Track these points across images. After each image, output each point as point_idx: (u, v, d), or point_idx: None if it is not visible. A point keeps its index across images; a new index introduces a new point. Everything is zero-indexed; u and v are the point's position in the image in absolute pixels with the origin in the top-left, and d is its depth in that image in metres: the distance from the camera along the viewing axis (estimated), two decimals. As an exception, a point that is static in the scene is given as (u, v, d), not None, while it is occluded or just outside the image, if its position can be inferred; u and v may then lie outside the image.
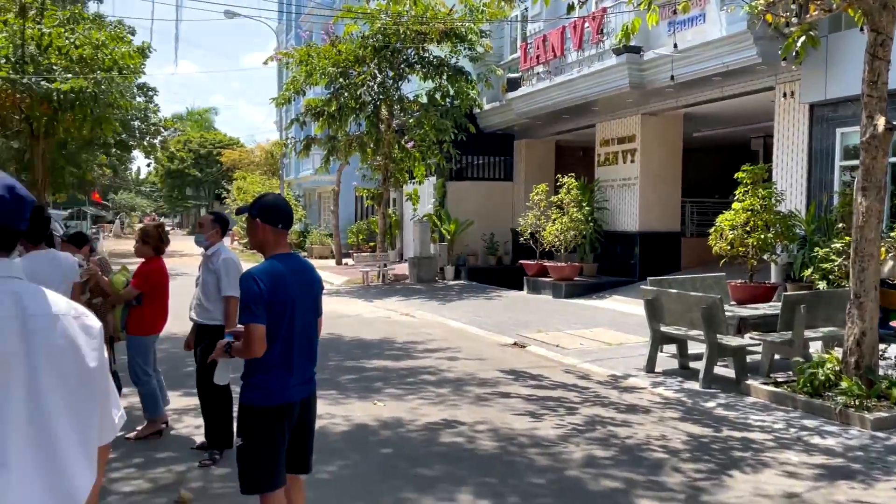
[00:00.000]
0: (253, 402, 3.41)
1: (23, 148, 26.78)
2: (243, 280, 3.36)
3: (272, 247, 3.51)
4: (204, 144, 60.25)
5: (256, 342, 3.30)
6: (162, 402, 6.09)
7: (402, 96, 20.14)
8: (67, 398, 1.66)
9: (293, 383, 3.47)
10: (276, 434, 3.42)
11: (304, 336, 3.51)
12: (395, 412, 6.94)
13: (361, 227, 29.61)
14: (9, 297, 1.63)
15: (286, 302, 3.39)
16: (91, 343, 1.73)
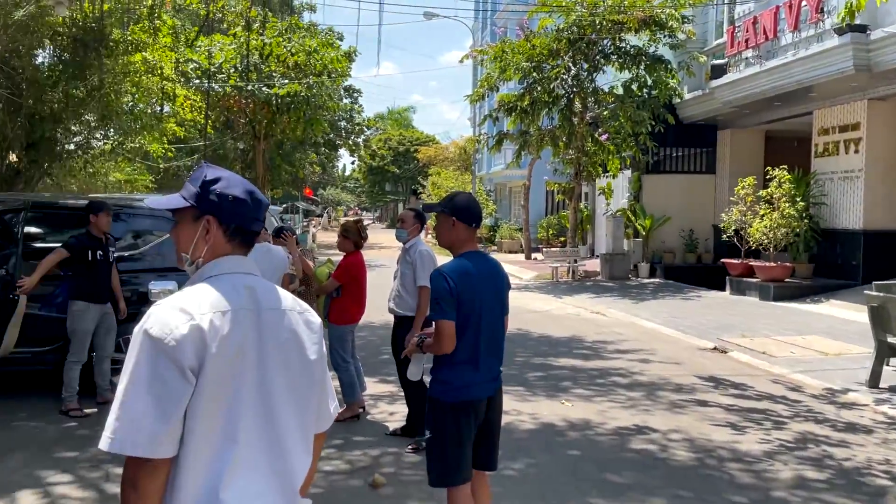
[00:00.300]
0: (440, 397, 3.45)
1: (247, 148, 29.61)
2: (434, 277, 3.40)
3: (462, 245, 3.52)
4: (402, 142, 63.07)
5: (446, 339, 3.33)
6: (359, 388, 6.40)
7: (596, 88, 19.69)
8: (290, 387, 1.80)
9: (480, 380, 3.46)
10: (463, 430, 3.43)
11: (491, 334, 3.49)
12: (584, 413, 6.76)
13: (552, 221, 29.41)
14: (246, 290, 1.79)
15: (475, 299, 3.39)
16: (312, 337, 1.87)
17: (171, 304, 1.70)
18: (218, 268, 1.82)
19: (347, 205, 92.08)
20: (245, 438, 1.70)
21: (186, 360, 1.63)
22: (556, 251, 21.88)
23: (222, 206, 1.82)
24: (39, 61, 13.86)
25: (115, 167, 18.73)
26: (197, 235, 1.82)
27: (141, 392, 1.61)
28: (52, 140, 13.37)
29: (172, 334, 1.64)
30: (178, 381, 1.62)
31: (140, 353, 1.64)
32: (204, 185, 1.83)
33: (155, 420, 1.60)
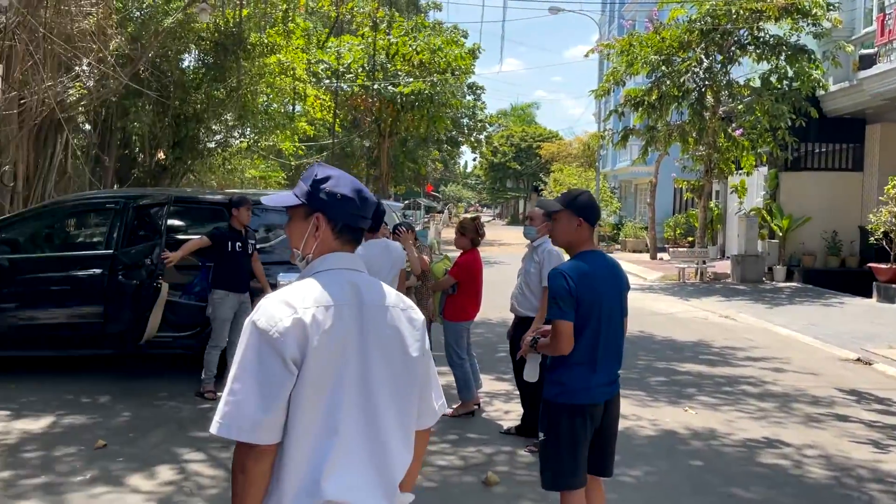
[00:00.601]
0: (555, 399, 3.37)
1: (372, 146, 30.47)
2: (552, 276, 3.34)
3: (582, 244, 3.43)
4: (525, 138, 62.75)
5: (563, 339, 3.26)
6: (474, 385, 6.41)
7: (730, 81, 18.73)
8: (391, 383, 1.83)
9: (597, 383, 3.37)
10: (578, 433, 3.35)
11: (610, 336, 3.39)
12: (709, 422, 6.44)
13: (679, 220, 28.31)
14: (350, 286, 1.84)
15: (594, 300, 3.30)
16: (414, 334, 1.91)
17: (278, 298, 1.77)
18: (325, 263, 1.87)
19: (468, 201, 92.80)
20: (345, 431, 1.74)
21: (289, 351, 1.69)
22: (684, 251, 21.03)
23: (331, 203, 1.87)
24: (185, 65, 14.85)
25: (250, 164, 19.80)
26: (307, 232, 1.89)
27: (247, 380, 1.69)
28: (194, 139, 14.31)
29: (276, 326, 1.70)
30: (281, 371, 1.69)
31: (248, 342, 1.72)
32: (314, 183, 1.89)
33: (258, 407, 1.67)
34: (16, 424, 5.66)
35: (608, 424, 3.48)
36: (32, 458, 4.99)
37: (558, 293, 3.26)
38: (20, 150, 10.47)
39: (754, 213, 20.00)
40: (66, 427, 5.68)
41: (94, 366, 7.47)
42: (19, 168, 10.55)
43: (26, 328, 6.93)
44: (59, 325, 6.95)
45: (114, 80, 11.34)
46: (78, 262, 7.06)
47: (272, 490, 1.72)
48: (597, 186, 32.56)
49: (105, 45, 10.86)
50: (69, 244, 7.96)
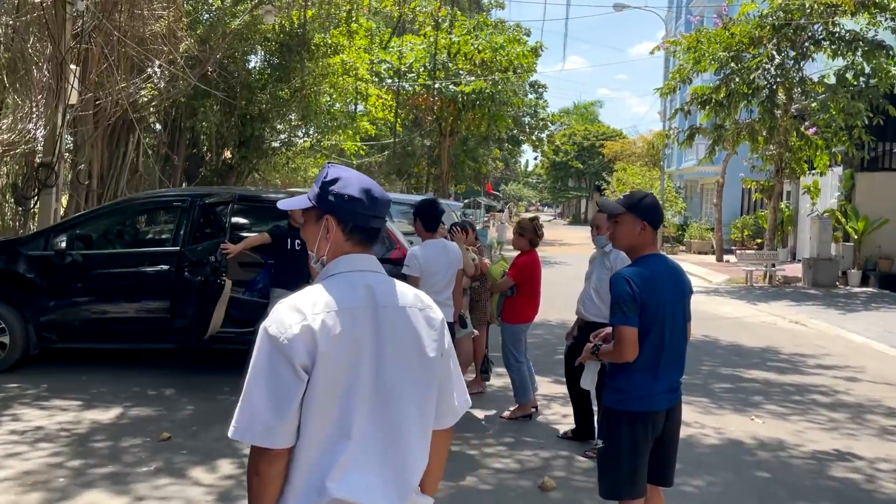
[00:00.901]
0: (615, 406, 3.29)
1: (433, 145, 30.58)
2: (616, 281, 3.25)
3: (645, 248, 3.33)
4: (587, 137, 61.98)
5: (627, 346, 3.17)
6: (531, 388, 6.33)
7: (803, 77, 18.09)
8: (408, 383, 1.82)
9: (659, 391, 3.27)
10: (638, 442, 3.25)
11: (673, 342, 3.28)
12: (776, 432, 6.21)
13: (747, 221, 27.48)
14: (364, 289, 1.83)
15: (657, 306, 3.20)
16: (432, 334, 1.89)
17: (289, 304, 1.77)
18: (339, 266, 1.87)
19: (529, 200, 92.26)
20: (359, 434, 1.75)
21: (298, 357, 1.70)
22: (752, 253, 20.41)
23: (339, 205, 1.86)
24: (251, 66, 15.19)
25: (313, 163, 20.12)
26: (319, 234, 1.89)
27: (260, 385, 1.71)
28: (259, 138, 14.62)
29: (286, 333, 1.71)
30: (291, 377, 1.70)
31: (260, 348, 1.73)
32: (323, 185, 1.88)
33: (270, 412, 1.69)
34: (87, 415, 5.88)
35: (669, 433, 3.38)
36: (101, 447, 5.16)
37: (622, 298, 3.18)
38: (95, 149, 10.89)
39: (828, 215, 19.25)
40: (132, 418, 5.86)
41: (159, 359, 7.70)
42: (94, 167, 10.98)
43: (97, 321, 7.18)
44: (128, 318, 7.19)
45: (183, 80, 11.68)
46: (147, 259, 7.29)
47: (285, 490, 1.75)
48: (661, 186, 31.89)
49: (175, 47, 11.19)
50: (139, 241, 8.23)
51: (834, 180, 20.27)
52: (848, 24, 17.31)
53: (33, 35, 9.03)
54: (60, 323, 7.11)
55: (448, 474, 4.96)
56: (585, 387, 3.84)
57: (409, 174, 33.59)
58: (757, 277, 18.69)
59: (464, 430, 5.93)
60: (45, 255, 7.13)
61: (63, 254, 7.05)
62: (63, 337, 7.17)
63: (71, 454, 5.00)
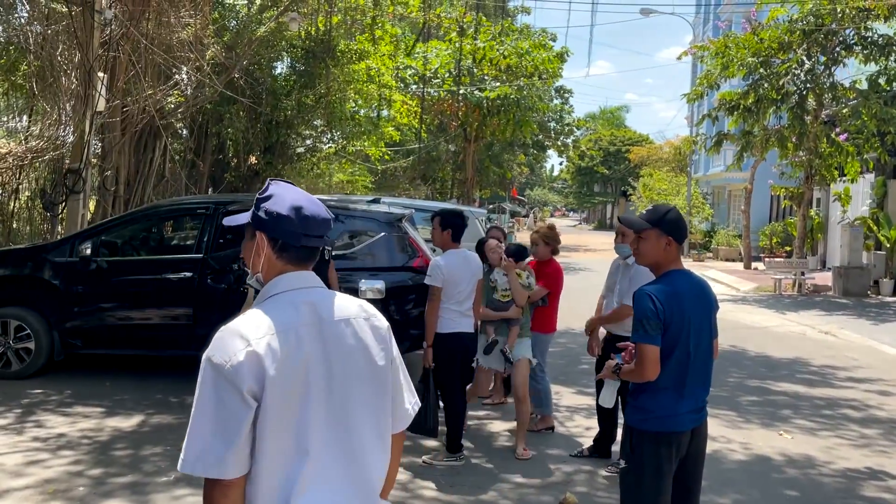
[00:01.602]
0: (638, 426, 3.20)
1: (458, 150, 30.56)
2: (639, 297, 3.16)
3: (670, 264, 3.25)
4: (613, 142, 61.55)
5: (649, 364, 3.08)
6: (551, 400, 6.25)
7: (834, 83, 17.76)
8: (361, 394, 1.84)
9: (684, 410, 3.18)
10: (662, 463, 3.17)
11: (698, 360, 3.19)
12: (805, 448, 6.05)
13: (776, 228, 27.05)
14: (307, 306, 1.82)
15: (682, 323, 3.12)
16: (379, 343, 1.90)
17: (232, 330, 1.74)
18: (276, 287, 1.85)
19: (554, 205, 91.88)
20: (317, 450, 1.75)
21: (245, 384, 1.67)
22: (781, 261, 20.07)
23: (268, 222, 1.85)
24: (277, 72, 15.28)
25: (338, 168, 20.20)
26: (253, 251, 1.88)
27: (207, 416, 1.68)
28: (285, 144, 14.71)
29: (231, 361, 1.68)
30: (238, 405, 1.67)
31: (204, 378, 1.70)
32: (257, 201, 1.88)
33: (220, 443, 1.66)
34: (108, 422, 5.90)
35: (694, 453, 3.29)
36: (122, 455, 5.18)
37: (644, 315, 3.09)
38: (122, 155, 11.01)
39: (859, 223, 18.88)
40: (154, 426, 5.87)
41: (183, 366, 7.72)
42: (121, 173, 11.10)
43: (121, 328, 7.23)
44: (151, 325, 7.22)
45: (209, 87, 11.78)
46: (170, 266, 7.32)
47: None
48: (688, 192, 31.54)
49: (202, 54, 11.28)
50: (163, 247, 8.28)
51: (865, 187, 19.89)
52: (881, 29, 16.97)
53: (62, 43, 9.16)
54: (85, 329, 7.17)
55: (469, 487, 4.91)
56: (604, 404, 3.76)
57: (434, 179, 33.59)
58: (786, 286, 18.37)
59: (484, 443, 5.87)
60: (70, 262, 7.19)
61: (88, 260, 7.11)
62: (87, 343, 7.22)
63: (92, 462, 5.02)
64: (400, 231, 7.51)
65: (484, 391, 6.58)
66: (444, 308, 5.24)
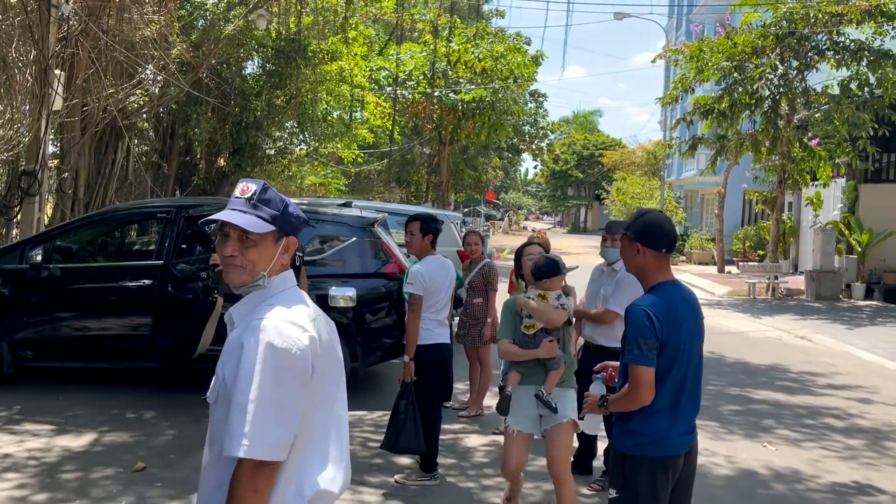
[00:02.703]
0: (632, 452, 2.93)
1: (433, 153, 30.30)
2: (633, 314, 2.89)
3: (654, 274, 2.99)
4: (587, 146, 61.80)
5: (644, 388, 2.82)
6: None
7: (807, 88, 17.82)
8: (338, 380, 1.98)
9: (678, 432, 2.94)
10: (658, 490, 2.91)
11: (694, 378, 2.96)
12: (791, 461, 5.87)
13: (749, 232, 27.18)
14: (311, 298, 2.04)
15: (679, 340, 2.87)
16: (336, 335, 2.02)
17: (282, 319, 1.81)
18: (285, 282, 1.95)
19: (528, 209, 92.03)
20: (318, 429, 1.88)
21: (308, 368, 1.80)
22: (754, 265, 20.11)
23: (297, 226, 1.98)
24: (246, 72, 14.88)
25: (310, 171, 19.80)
26: (277, 253, 1.93)
27: (268, 400, 1.72)
28: (254, 146, 14.30)
29: (297, 345, 1.78)
30: (300, 388, 1.79)
31: (265, 363, 1.74)
32: (285, 208, 1.96)
33: (285, 426, 1.75)
34: (58, 441, 5.52)
35: (685, 477, 3.04)
36: (69, 479, 4.81)
37: (642, 333, 2.82)
38: (82, 157, 10.55)
39: (831, 227, 18.97)
40: (107, 445, 5.50)
41: (144, 378, 7.34)
42: (81, 175, 10.64)
43: (76, 339, 6.84)
44: (108, 336, 6.84)
45: (175, 86, 11.36)
46: (128, 273, 6.93)
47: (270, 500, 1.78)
48: (661, 196, 31.63)
49: (167, 52, 10.87)
50: (120, 254, 7.89)
51: (837, 192, 19.99)
52: (853, 34, 17.05)
53: (16, 38, 8.71)
54: (37, 340, 6.77)
55: (442, 512, 4.63)
56: (589, 431, 3.47)
57: (409, 183, 33.28)
58: (760, 290, 18.38)
59: (460, 460, 5.59)
60: (19, 269, 6.79)
61: (39, 267, 6.70)
62: (40, 355, 6.82)
63: (37, 486, 4.65)
64: (372, 236, 7.22)
65: (514, 469, 4.39)
66: (423, 318, 4.95)
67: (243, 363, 1.75)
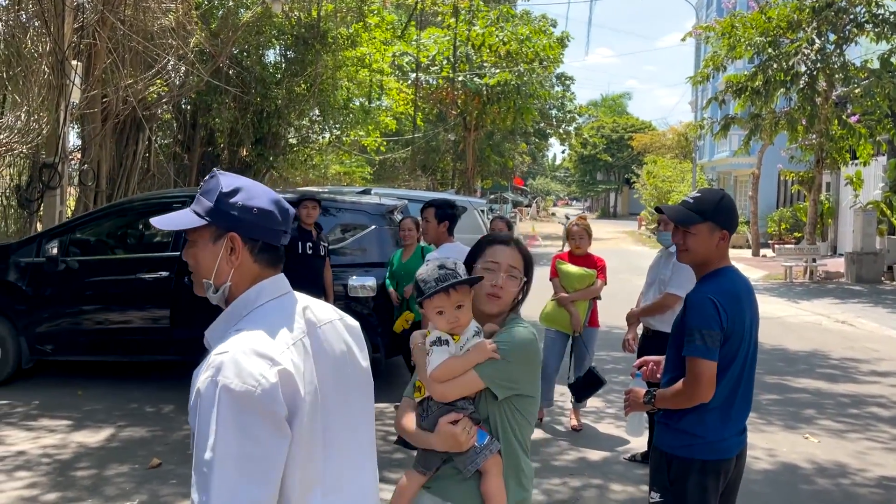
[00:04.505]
0: (682, 454, 2.65)
1: (458, 140, 29.98)
2: (698, 303, 2.59)
3: (721, 260, 2.70)
4: (616, 130, 60.89)
5: (705, 384, 2.54)
6: None
7: (845, 63, 17.15)
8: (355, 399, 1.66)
9: (731, 433, 2.67)
10: (709, 497, 2.64)
11: (749, 373, 2.69)
12: (835, 454, 5.55)
13: (785, 214, 26.47)
14: (300, 312, 1.58)
15: (742, 332, 2.60)
16: (359, 343, 1.72)
17: (243, 350, 1.43)
18: (262, 294, 1.57)
19: (556, 195, 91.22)
20: (330, 470, 1.55)
21: (281, 410, 1.42)
22: (791, 248, 19.54)
23: (246, 220, 1.56)
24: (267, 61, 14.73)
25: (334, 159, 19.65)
26: (219, 257, 1.56)
27: (231, 458, 1.37)
28: (276, 135, 14.16)
29: (261, 384, 1.40)
30: (274, 437, 1.41)
31: (221, 413, 1.38)
32: (221, 197, 1.56)
33: (255, 487, 1.38)
34: (74, 437, 5.42)
35: (734, 481, 2.78)
36: (83, 476, 4.69)
37: (707, 324, 2.53)
38: (103, 149, 10.49)
39: (872, 207, 18.33)
40: (123, 441, 5.38)
41: (160, 372, 7.24)
42: (102, 167, 10.58)
43: (94, 332, 6.74)
44: (127, 329, 6.73)
45: (195, 76, 11.24)
46: (145, 265, 6.81)
47: None
48: (693, 179, 30.97)
49: (185, 41, 10.74)
50: (137, 246, 7.78)
51: (878, 170, 19.32)
52: (893, 6, 16.36)
53: (32, 29, 8.62)
54: (55, 334, 6.68)
55: None
56: (633, 435, 3.21)
57: (434, 170, 33.02)
58: (797, 273, 17.84)
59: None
60: (36, 262, 6.70)
61: (56, 260, 6.61)
62: (58, 349, 6.74)
63: (49, 485, 4.53)
64: (391, 224, 7.01)
65: None
66: None
67: (199, 412, 1.40)
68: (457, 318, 2.09)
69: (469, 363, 2.07)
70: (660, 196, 33.04)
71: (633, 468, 5.10)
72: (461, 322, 2.10)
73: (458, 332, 2.10)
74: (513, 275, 2.20)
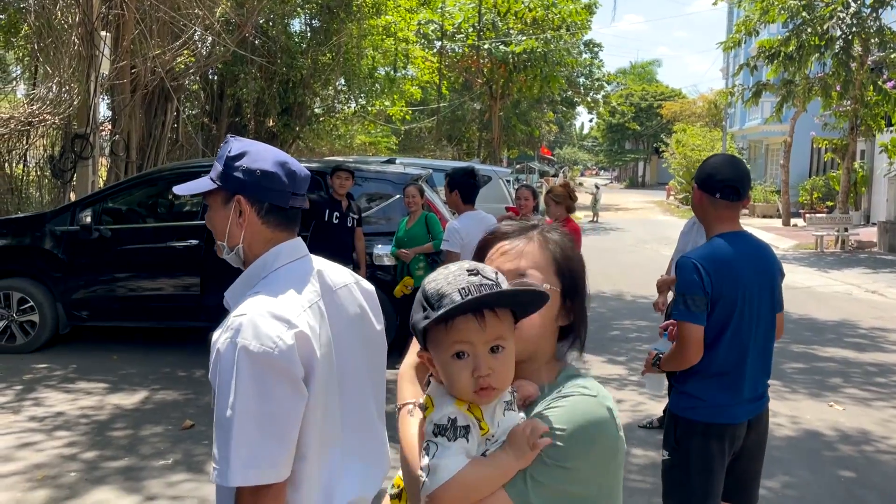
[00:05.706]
0: (685, 416, 2.72)
1: (484, 109, 29.78)
2: (681, 266, 2.67)
3: (714, 223, 2.75)
4: (645, 97, 59.93)
5: (691, 346, 2.61)
6: None
7: (881, 27, 16.68)
8: (368, 362, 1.71)
9: (739, 399, 2.70)
10: (712, 458, 2.70)
11: (757, 339, 2.70)
12: (859, 421, 5.55)
13: (817, 183, 26.01)
14: (317, 275, 1.63)
15: (737, 296, 2.63)
16: (373, 306, 1.76)
17: (261, 312, 1.46)
18: (279, 258, 1.62)
19: (584, 164, 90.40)
20: (346, 431, 1.62)
21: (299, 370, 1.46)
22: (822, 217, 19.26)
23: (250, 182, 1.59)
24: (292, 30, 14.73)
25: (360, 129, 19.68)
26: (230, 220, 1.61)
27: (251, 415, 1.42)
28: (302, 104, 14.20)
29: (278, 346, 1.43)
30: (292, 396, 1.45)
31: (241, 373, 1.42)
32: (228, 161, 1.60)
33: (274, 443, 1.44)
34: (110, 399, 5.61)
35: (752, 446, 2.80)
36: (119, 436, 4.87)
37: (688, 287, 2.60)
38: (133, 119, 10.63)
39: (907, 175, 17.94)
40: (157, 403, 5.56)
41: (191, 338, 7.43)
42: (132, 138, 10.73)
43: (127, 298, 6.93)
44: (158, 296, 6.90)
45: (221, 46, 11.30)
46: (175, 233, 6.96)
47: None
48: (723, 147, 30.51)
49: (211, 11, 10.78)
50: (168, 214, 7.93)
51: (914, 137, 18.85)
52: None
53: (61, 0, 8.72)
54: (90, 300, 6.87)
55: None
56: (652, 391, 3.28)
57: (460, 140, 32.88)
58: (828, 242, 17.58)
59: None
60: (70, 231, 6.87)
61: (89, 229, 6.78)
62: (94, 315, 6.94)
63: (87, 444, 4.71)
64: (416, 192, 7.04)
65: None
66: None
67: (219, 372, 1.44)
68: (491, 368, 1.13)
69: (503, 475, 1.13)
70: (689, 165, 32.59)
71: (655, 434, 5.15)
72: (500, 379, 1.14)
73: (486, 402, 1.15)
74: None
